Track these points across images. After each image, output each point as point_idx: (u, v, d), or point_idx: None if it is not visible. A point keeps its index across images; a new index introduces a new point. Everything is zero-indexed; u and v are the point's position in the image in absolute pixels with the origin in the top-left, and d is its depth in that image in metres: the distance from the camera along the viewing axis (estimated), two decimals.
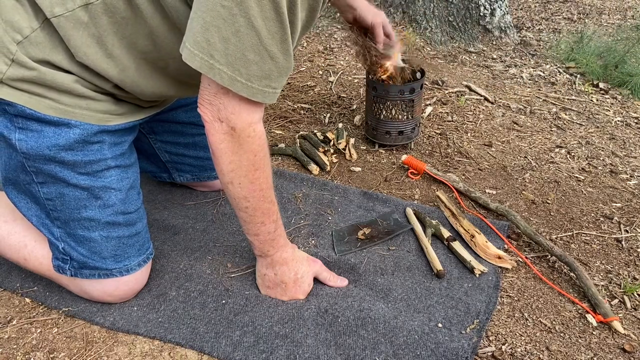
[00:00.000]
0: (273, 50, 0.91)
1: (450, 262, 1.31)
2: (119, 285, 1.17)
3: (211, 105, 0.96)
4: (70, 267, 1.15)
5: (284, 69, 0.95)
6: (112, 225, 1.13)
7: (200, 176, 1.52)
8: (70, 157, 1.06)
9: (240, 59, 0.90)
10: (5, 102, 1.01)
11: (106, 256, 1.14)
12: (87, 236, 1.12)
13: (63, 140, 1.04)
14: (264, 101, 0.96)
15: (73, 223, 1.11)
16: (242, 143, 0.98)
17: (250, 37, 0.88)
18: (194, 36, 0.89)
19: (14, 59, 0.98)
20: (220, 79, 0.91)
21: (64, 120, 1.03)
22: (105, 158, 1.10)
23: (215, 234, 1.41)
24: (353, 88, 2.26)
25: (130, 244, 1.17)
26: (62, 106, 1.03)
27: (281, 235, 1.16)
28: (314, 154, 1.73)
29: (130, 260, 1.17)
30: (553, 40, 2.76)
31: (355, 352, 1.07)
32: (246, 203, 1.06)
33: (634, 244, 1.40)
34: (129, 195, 1.15)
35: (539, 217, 1.50)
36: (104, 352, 1.09)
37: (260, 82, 0.93)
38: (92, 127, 1.07)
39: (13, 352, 1.10)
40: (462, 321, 1.15)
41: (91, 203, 1.10)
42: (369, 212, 1.50)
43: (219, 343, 1.09)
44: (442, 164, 1.75)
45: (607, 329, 1.15)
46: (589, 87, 2.30)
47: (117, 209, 1.13)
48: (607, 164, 1.77)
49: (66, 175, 1.07)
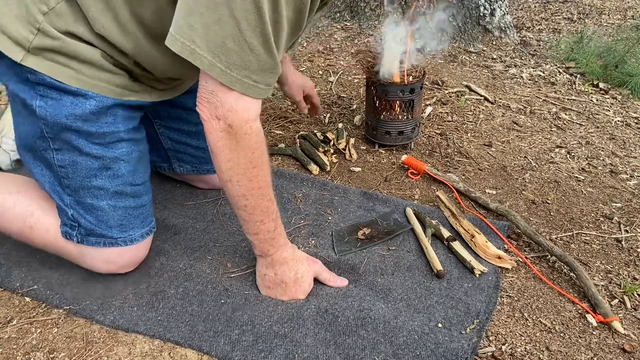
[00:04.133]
0: (253, 42, 0.92)
1: (450, 262, 1.31)
2: (122, 253, 1.22)
3: (209, 103, 0.98)
4: (78, 233, 1.20)
5: (266, 64, 0.96)
6: (119, 195, 1.19)
7: (200, 168, 1.52)
8: (85, 127, 1.11)
9: (221, 46, 0.92)
10: (28, 71, 1.06)
11: (112, 225, 1.19)
12: (96, 204, 1.18)
13: (79, 110, 1.09)
14: (245, 92, 0.97)
15: (83, 191, 1.17)
16: (240, 140, 1.00)
17: (230, 27, 0.90)
18: (177, 22, 0.93)
19: (39, 29, 1.04)
20: (201, 64, 0.93)
21: (81, 91, 1.09)
22: (118, 131, 1.15)
23: (215, 234, 1.41)
24: (353, 88, 2.26)
25: (135, 215, 1.22)
26: (83, 77, 1.09)
27: (281, 235, 1.16)
28: (314, 154, 1.73)
29: (135, 230, 1.22)
30: (553, 40, 2.76)
31: (355, 352, 1.07)
32: (245, 201, 1.07)
33: (634, 244, 1.40)
34: (137, 168, 1.21)
35: (539, 217, 1.50)
36: (104, 352, 1.09)
37: (240, 71, 0.94)
38: (107, 100, 1.12)
39: (13, 352, 1.10)
40: (462, 321, 1.15)
41: (101, 172, 1.16)
42: (369, 212, 1.50)
43: (218, 342, 1.09)
44: (442, 164, 1.75)
45: (607, 329, 1.15)
46: (589, 87, 2.30)
47: (125, 180, 1.19)
48: (607, 164, 1.77)
49: (81, 143, 1.13)
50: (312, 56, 2.57)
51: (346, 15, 2.98)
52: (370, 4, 2.89)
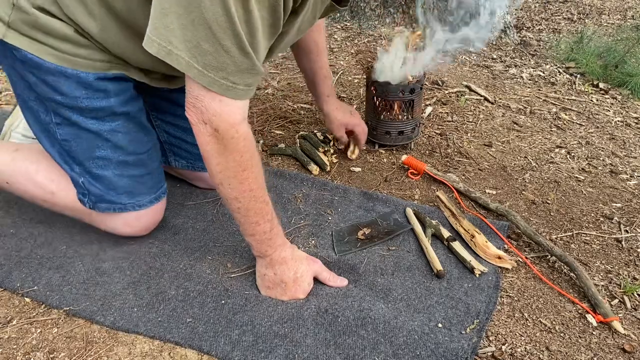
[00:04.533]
0: (226, 44, 0.92)
1: (450, 262, 1.31)
2: (138, 216, 1.31)
3: (195, 108, 0.99)
4: (89, 200, 1.27)
5: (242, 64, 0.96)
6: (124, 165, 1.25)
7: (195, 165, 1.53)
8: (76, 103, 1.16)
9: (197, 47, 0.92)
10: (12, 47, 1.11)
11: (120, 192, 1.26)
12: (102, 174, 1.24)
13: (64, 88, 1.14)
14: (224, 94, 0.97)
15: (88, 162, 1.23)
16: (227, 144, 1.00)
17: (203, 29, 0.90)
18: (153, 23, 0.93)
19: (14, 3, 1.08)
20: (178, 64, 0.93)
21: (59, 68, 1.12)
22: (110, 105, 1.19)
23: (215, 234, 1.41)
24: (353, 88, 2.26)
25: (142, 182, 1.29)
26: (60, 53, 1.11)
27: (278, 235, 1.16)
28: (314, 154, 1.73)
29: (143, 197, 1.29)
30: (553, 40, 2.76)
31: (355, 352, 1.07)
32: (238, 204, 1.08)
33: (634, 244, 1.40)
34: (137, 137, 1.25)
35: (539, 217, 1.50)
36: (104, 352, 1.09)
37: (217, 73, 0.95)
38: (89, 76, 1.14)
39: (13, 352, 1.10)
40: (462, 321, 1.15)
41: (103, 144, 1.21)
42: (369, 212, 1.50)
43: (218, 342, 1.09)
44: (442, 164, 1.75)
45: (607, 329, 1.15)
46: (589, 87, 2.30)
47: (127, 150, 1.24)
48: (607, 164, 1.77)
49: (77, 119, 1.18)
50: None
51: (346, 15, 2.98)
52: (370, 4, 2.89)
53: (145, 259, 1.31)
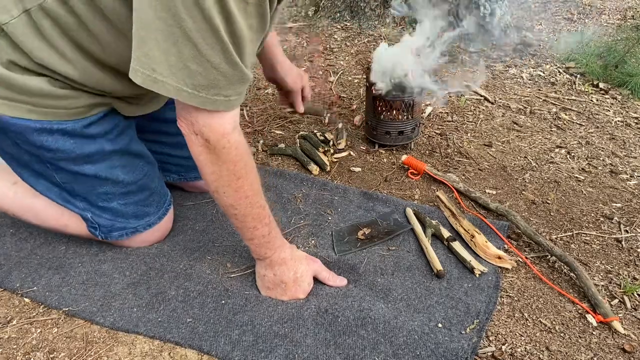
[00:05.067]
0: (215, 60, 0.89)
1: (450, 262, 1.31)
2: (151, 233, 1.34)
3: (185, 119, 0.98)
4: (100, 232, 1.29)
5: (233, 77, 0.94)
6: (127, 195, 1.25)
7: (187, 176, 1.52)
8: (66, 155, 1.14)
9: (183, 69, 0.89)
10: None
11: (129, 217, 1.28)
12: (107, 206, 1.25)
13: (52, 144, 1.11)
14: (218, 108, 0.95)
15: (92, 197, 1.24)
16: (219, 154, 1.00)
17: (188, 48, 0.87)
18: (134, 53, 0.90)
19: None
20: (166, 92, 0.91)
21: (44, 124, 1.08)
22: (102, 147, 1.17)
23: (214, 234, 1.41)
24: (353, 88, 2.26)
25: (148, 204, 1.31)
26: (40, 108, 1.07)
27: (277, 237, 1.16)
28: (314, 154, 1.73)
29: (151, 216, 1.32)
30: (553, 40, 2.76)
31: (355, 352, 1.07)
32: (234, 210, 1.08)
33: (634, 244, 1.40)
34: (133, 165, 1.25)
35: (539, 217, 1.50)
36: (104, 352, 1.09)
37: (208, 91, 0.92)
38: (76, 124, 1.11)
39: (13, 352, 1.10)
40: (462, 321, 1.15)
41: (102, 183, 1.21)
42: (369, 212, 1.50)
43: (218, 342, 1.09)
44: (442, 164, 1.75)
45: (607, 329, 1.15)
46: (589, 87, 2.30)
47: (127, 182, 1.24)
48: (607, 164, 1.77)
49: (72, 167, 1.17)
50: (312, 56, 2.57)
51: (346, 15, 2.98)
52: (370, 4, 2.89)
53: (145, 259, 1.31)
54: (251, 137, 1.89)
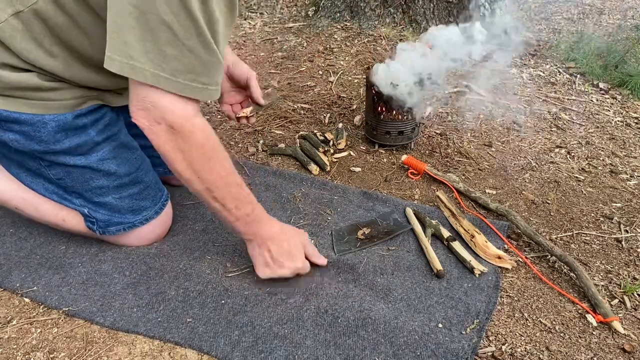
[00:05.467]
0: (190, 44, 0.91)
1: (450, 262, 1.31)
2: (150, 230, 1.33)
3: (144, 110, 0.97)
4: (98, 227, 1.29)
5: (209, 63, 0.95)
6: (120, 188, 1.25)
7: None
8: (58, 146, 1.14)
9: (160, 54, 0.90)
10: None
11: (125, 212, 1.28)
12: (103, 201, 1.25)
13: (44, 135, 1.12)
14: (196, 96, 0.96)
15: (87, 193, 1.24)
16: (186, 139, 0.99)
17: (164, 33, 0.88)
18: (110, 41, 0.91)
19: None
20: (144, 78, 0.92)
21: (37, 117, 1.09)
22: (91, 138, 1.18)
23: (214, 234, 1.41)
24: (353, 88, 2.26)
25: (143, 197, 1.30)
26: (37, 101, 1.09)
27: (262, 214, 1.17)
28: (314, 154, 1.73)
29: (147, 211, 1.31)
30: (553, 40, 2.76)
31: (355, 352, 1.07)
32: (212, 194, 1.07)
33: (634, 244, 1.40)
34: (125, 158, 1.25)
35: (539, 217, 1.50)
36: (104, 352, 1.09)
37: (185, 76, 0.94)
38: (67, 117, 1.13)
39: (13, 352, 1.10)
40: (462, 321, 1.15)
41: (95, 175, 1.22)
42: (369, 212, 1.50)
43: (218, 343, 1.09)
44: (442, 164, 1.75)
45: (607, 329, 1.15)
46: (589, 87, 2.30)
47: (119, 174, 1.24)
48: (607, 164, 1.77)
49: (63, 159, 1.17)
50: (312, 56, 2.57)
51: (346, 15, 2.97)
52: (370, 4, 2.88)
53: (145, 259, 1.31)
54: (251, 137, 1.89)
